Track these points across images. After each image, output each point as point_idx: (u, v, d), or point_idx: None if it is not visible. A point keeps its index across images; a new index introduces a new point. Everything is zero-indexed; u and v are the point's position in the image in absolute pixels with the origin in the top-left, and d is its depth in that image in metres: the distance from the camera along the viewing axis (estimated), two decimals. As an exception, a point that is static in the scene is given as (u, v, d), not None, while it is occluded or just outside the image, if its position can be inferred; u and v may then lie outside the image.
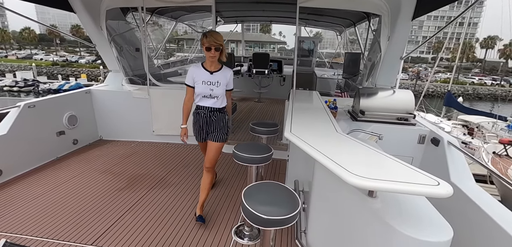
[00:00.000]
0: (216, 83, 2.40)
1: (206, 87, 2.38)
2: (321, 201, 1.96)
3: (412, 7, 3.40)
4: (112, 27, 4.51)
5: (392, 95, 3.39)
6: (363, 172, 1.26)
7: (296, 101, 3.16)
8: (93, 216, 2.60)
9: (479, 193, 2.23)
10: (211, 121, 2.49)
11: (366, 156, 1.53)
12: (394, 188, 1.20)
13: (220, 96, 2.44)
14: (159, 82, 4.43)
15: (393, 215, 1.30)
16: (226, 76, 2.48)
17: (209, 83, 2.38)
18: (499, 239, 1.79)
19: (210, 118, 2.48)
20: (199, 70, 2.41)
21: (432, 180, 1.18)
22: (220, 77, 2.42)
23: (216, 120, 2.51)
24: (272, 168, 3.78)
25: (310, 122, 2.25)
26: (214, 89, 2.39)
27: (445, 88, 24.87)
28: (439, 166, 2.69)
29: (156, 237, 2.36)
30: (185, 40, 11.30)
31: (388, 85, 4.04)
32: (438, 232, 1.21)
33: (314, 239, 2.09)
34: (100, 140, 4.58)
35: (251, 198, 1.49)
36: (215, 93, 2.41)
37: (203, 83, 2.38)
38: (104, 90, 4.54)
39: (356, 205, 1.51)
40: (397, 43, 3.73)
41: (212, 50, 2.30)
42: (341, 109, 3.72)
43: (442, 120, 15.37)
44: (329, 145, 1.68)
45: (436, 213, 1.34)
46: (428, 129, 3.06)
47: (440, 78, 38.20)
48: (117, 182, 3.24)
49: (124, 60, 4.78)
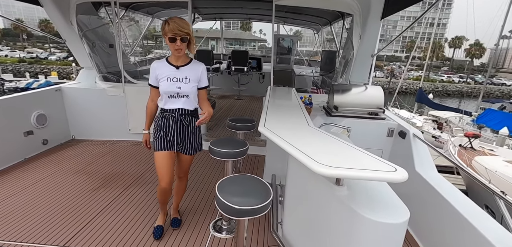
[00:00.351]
0: (183, 79, 2.00)
1: (172, 85, 1.99)
2: (295, 192, 2.04)
3: (381, 7, 3.58)
4: (83, 22, 4.34)
5: (364, 91, 3.56)
6: (329, 161, 1.33)
7: (273, 97, 3.23)
8: (64, 218, 2.51)
9: (439, 181, 2.41)
10: (182, 127, 2.10)
11: (333, 148, 1.61)
12: (356, 175, 1.29)
13: (191, 95, 2.05)
14: (135, 79, 4.34)
15: (357, 201, 1.40)
16: (197, 71, 2.07)
17: (175, 79, 1.99)
18: (454, 220, 2.00)
19: (181, 123, 2.09)
20: (163, 65, 2.03)
21: (390, 167, 1.28)
22: (188, 72, 2.03)
23: (189, 126, 2.12)
24: (251, 164, 3.83)
25: (284, 117, 2.31)
26: (182, 86, 2.00)
27: (417, 86, 26.16)
28: (406, 157, 2.87)
29: (132, 236, 2.33)
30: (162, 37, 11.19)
31: (361, 82, 4.23)
32: (396, 215, 1.32)
33: (288, 229, 2.17)
34: (73, 139, 4.40)
35: (224, 190, 1.53)
36: (184, 90, 2.01)
37: (168, 80, 1.98)
38: (76, 88, 4.37)
39: (325, 193, 1.59)
40: (369, 41, 3.91)
41: (177, 41, 1.88)
42: (317, 105, 3.84)
43: (415, 116, 16.22)
44: (300, 138, 1.75)
45: (396, 198, 1.45)
46: (396, 123, 3.25)
47: (413, 76, 40.14)
48: (91, 182, 3.15)
49: (97, 56, 4.62)
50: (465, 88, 33.37)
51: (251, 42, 35.36)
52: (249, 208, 1.43)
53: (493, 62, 36.96)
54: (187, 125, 2.11)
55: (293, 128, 1.99)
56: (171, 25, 1.82)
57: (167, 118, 2.07)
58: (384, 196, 1.46)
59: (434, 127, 14.47)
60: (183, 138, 2.13)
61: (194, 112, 2.15)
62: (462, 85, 36.31)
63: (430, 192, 2.36)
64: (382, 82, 32.55)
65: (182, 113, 2.07)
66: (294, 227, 2.09)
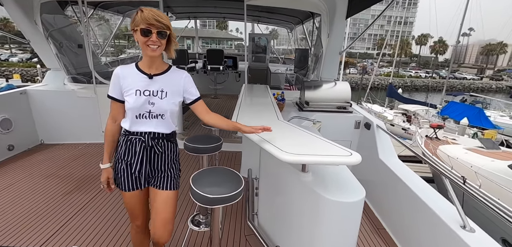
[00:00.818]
0: (158, 92, 1.48)
1: (143, 100, 1.45)
2: (268, 183, 2.16)
3: (345, 7, 3.81)
4: (48, 21, 4.16)
5: (333, 87, 3.77)
6: (294, 150, 1.46)
7: (247, 95, 3.33)
8: (37, 222, 2.45)
9: (398, 166, 2.67)
10: (154, 156, 1.56)
11: (300, 138, 1.75)
12: (317, 160, 1.43)
13: (167, 113, 1.52)
14: (107, 80, 4.24)
15: (321, 185, 1.54)
16: (177, 82, 1.55)
17: (147, 92, 1.46)
18: (409, 198, 2.28)
19: (153, 151, 1.55)
20: (131, 73, 1.48)
21: (347, 152, 1.43)
22: (165, 83, 1.50)
23: (164, 154, 1.58)
24: (228, 160, 3.92)
25: (256, 113, 2.43)
26: (156, 102, 1.47)
27: (388, 81, 27.53)
28: (371, 146, 3.10)
29: (108, 236, 2.33)
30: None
31: (331, 78, 4.45)
32: (354, 194, 1.48)
33: (263, 218, 2.29)
34: (41, 144, 4.22)
35: (198, 182, 1.61)
36: (159, 108, 1.48)
37: (137, 93, 1.45)
38: (43, 90, 4.19)
39: (292, 181, 1.72)
40: (336, 39, 4.13)
41: (153, 35, 1.36)
42: (290, 101, 4.00)
43: (386, 110, 17.09)
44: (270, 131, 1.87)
45: (355, 180, 1.61)
46: (362, 115, 3.49)
47: (384, 72, 42.12)
48: (64, 185, 3.07)
49: (65, 57, 4.45)
50: (431, 82, 35.53)
51: (227, 40, 35.25)
52: (223, 196, 1.52)
53: (454, 58, 39.74)
54: (160, 153, 1.57)
55: (263, 122, 2.10)
56: (146, 13, 1.34)
57: (132, 143, 1.51)
58: (344, 179, 1.62)
59: (403, 120, 15.35)
60: (155, 168, 1.58)
61: (171, 135, 1.60)
62: (428, 80, 38.65)
63: (390, 176, 2.60)
64: (355, 79, 33.85)
65: (155, 138, 1.53)
66: (268, 215, 2.21)
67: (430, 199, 2.07)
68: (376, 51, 66.65)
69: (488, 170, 5.50)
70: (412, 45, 64.89)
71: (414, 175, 2.49)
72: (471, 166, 5.93)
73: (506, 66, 66.45)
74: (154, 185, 1.60)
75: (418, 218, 2.13)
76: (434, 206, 1.98)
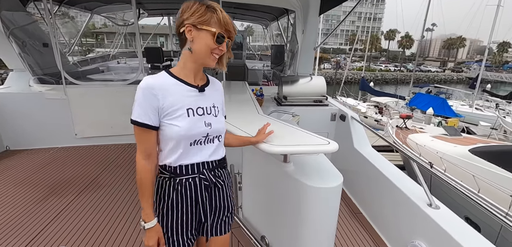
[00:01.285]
0: (211, 109, 1.18)
1: (200, 121, 1.12)
2: (251, 176, 2.21)
3: (318, 4, 3.94)
4: (8, 19, 3.88)
5: (309, 82, 3.89)
6: (277, 142, 1.52)
7: (226, 92, 3.33)
8: (10, 232, 2.30)
9: (372, 154, 2.85)
10: (216, 193, 1.25)
11: (280, 130, 1.81)
12: (299, 150, 1.51)
13: (222, 134, 1.25)
14: (78, 80, 4.05)
15: (301, 173, 1.62)
16: (221, 91, 1.31)
17: (200, 111, 1.13)
18: (381, 182, 2.46)
19: (215, 187, 1.24)
20: (171, 84, 1.09)
21: (325, 141, 1.52)
22: (213, 95, 1.23)
23: (223, 189, 1.28)
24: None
25: (236, 108, 2.46)
26: (213, 121, 1.16)
27: (360, 75, 28.68)
28: (346, 137, 3.26)
29: (91, 239, 2.26)
30: (105, 34, 10.22)
31: (307, 73, 4.59)
32: (333, 180, 1.57)
33: (247, 210, 2.34)
34: (7, 150, 3.94)
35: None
36: (216, 130, 1.18)
37: (190, 113, 1.10)
38: (5, 93, 3.90)
39: (275, 171, 1.78)
40: (310, 35, 4.26)
41: (225, 44, 1.09)
42: (268, 97, 4.08)
43: (359, 103, 17.84)
44: (251, 123, 1.92)
45: (333, 168, 1.71)
46: (337, 108, 3.64)
47: (356, 67, 43.80)
48: (37, 192, 2.90)
49: (29, 57, 4.18)
50: (400, 75, 37.57)
51: (203, 38, 34.73)
52: None
53: (420, 52, 42.24)
54: (222, 186, 1.27)
55: (244, 116, 2.15)
56: (224, 14, 1.05)
57: (192, 187, 1.16)
58: (323, 167, 1.71)
59: (376, 112, 16.12)
60: (214, 209, 1.25)
61: (224, 160, 1.32)
62: (397, 73, 40.78)
63: (365, 164, 2.77)
64: (330, 73, 34.86)
65: (212, 168, 1.21)
66: (252, 207, 2.26)
67: (401, 183, 2.25)
68: (348, 47, 69.05)
69: (452, 155, 5.96)
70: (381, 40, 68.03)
71: (387, 162, 2.68)
72: (437, 152, 6.39)
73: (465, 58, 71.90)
74: (211, 232, 1.23)
75: (391, 200, 2.30)
76: (404, 188, 2.15)
